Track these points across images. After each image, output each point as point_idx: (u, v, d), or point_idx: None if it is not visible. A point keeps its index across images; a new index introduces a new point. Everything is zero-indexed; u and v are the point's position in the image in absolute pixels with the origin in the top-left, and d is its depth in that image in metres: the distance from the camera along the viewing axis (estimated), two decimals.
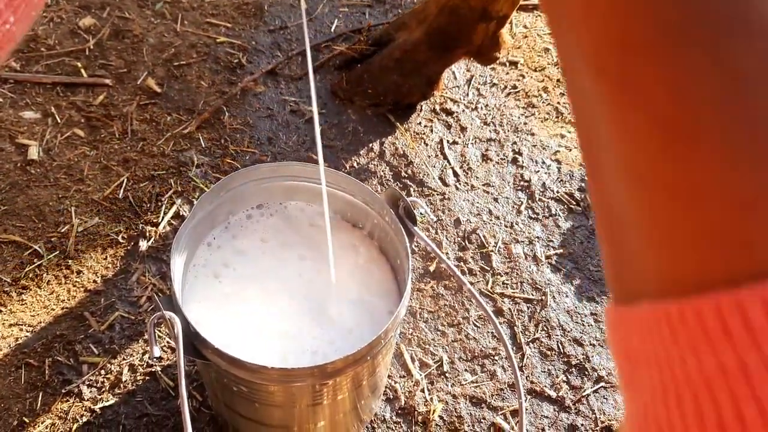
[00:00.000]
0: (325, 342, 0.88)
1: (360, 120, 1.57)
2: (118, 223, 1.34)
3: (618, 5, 0.19)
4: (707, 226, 0.19)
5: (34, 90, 1.52)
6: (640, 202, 0.20)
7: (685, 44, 0.18)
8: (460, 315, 1.30)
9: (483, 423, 1.18)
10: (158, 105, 1.53)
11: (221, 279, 0.93)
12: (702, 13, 0.18)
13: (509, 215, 1.45)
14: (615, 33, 0.19)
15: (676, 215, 0.20)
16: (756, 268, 0.18)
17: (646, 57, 0.19)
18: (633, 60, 0.19)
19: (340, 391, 0.88)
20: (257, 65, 1.64)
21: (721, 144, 0.18)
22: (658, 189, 0.20)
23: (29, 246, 1.28)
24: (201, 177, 1.42)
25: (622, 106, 0.20)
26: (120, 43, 1.62)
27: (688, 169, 0.19)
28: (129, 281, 1.26)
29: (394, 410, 1.18)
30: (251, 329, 0.89)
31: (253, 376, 0.79)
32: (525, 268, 1.38)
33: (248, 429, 0.99)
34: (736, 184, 0.18)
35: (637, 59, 0.19)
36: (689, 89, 0.18)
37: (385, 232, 0.95)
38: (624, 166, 0.21)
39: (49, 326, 1.20)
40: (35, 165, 1.40)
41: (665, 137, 0.19)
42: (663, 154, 0.19)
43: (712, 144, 0.18)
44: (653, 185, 0.20)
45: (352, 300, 0.92)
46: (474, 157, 1.55)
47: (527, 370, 1.25)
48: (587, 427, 1.19)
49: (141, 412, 1.13)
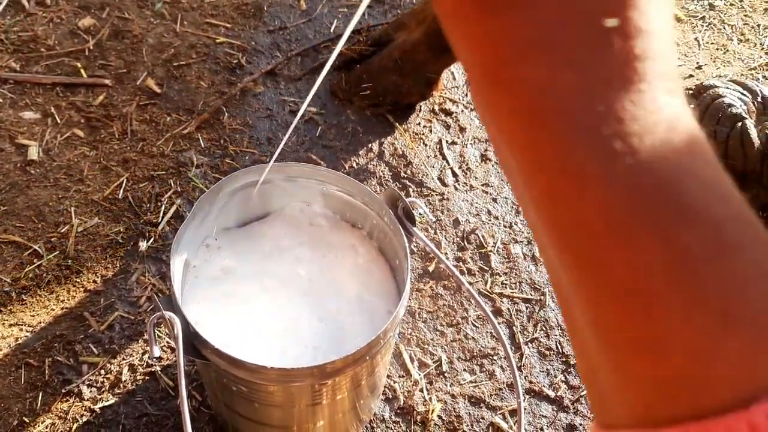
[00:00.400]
0: (324, 342, 0.89)
1: (359, 120, 1.57)
2: (118, 223, 1.34)
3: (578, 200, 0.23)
4: (671, 372, 0.22)
5: (33, 90, 1.52)
6: (608, 355, 0.24)
7: (638, 228, 0.22)
8: (458, 315, 1.30)
9: (482, 423, 1.19)
10: (158, 105, 1.53)
11: (221, 279, 0.93)
12: (649, 203, 0.22)
13: (508, 215, 1.46)
14: (577, 221, 0.23)
15: (643, 365, 0.23)
16: (718, 403, 0.21)
17: (606, 240, 0.22)
18: (594, 243, 0.23)
19: (339, 391, 0.88)
20: (257, 66, 1.64)
21: (675, 304, 0.22)
22: (623, 344, 0.23)
23: (29, 246, 1.29)
24: (200, 177, 1.42)
25: (586, 278, 0.23)
26: (119, 44, 1.63)
27: (647, 327, 0.22)
28: (129, 281, 1.27)
29: (393, 410, 1.18)
30: (251, 329, 0.89)
31: (252, 375, 0.79)
32: (524, 268, 1.38)
33: (248, 429, 1.00)
34: (693, 336, 0.22)
35: (599, 242, 0.22)
36: (644, 265, 0.22)
37: (384, 232, 0.95)
38: (591, 323, 0.24)
39: (48, 326, 1.20)
40: (35, 165, 1.40)
41: (626, 302, 0.22)
42: (624, 316, 0.23)
43: (667, 305, 0.22)
44: (619, 342, 0.23)
45: (351, 300, 0.92)
46: (473, 157, 1.55)
47: (526, 369, 1.25)
48: (586, 426, 1.20)
49: (141, 411, 1.13)
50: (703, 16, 1.95)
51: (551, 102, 0.22)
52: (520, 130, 0.23)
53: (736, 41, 1.90)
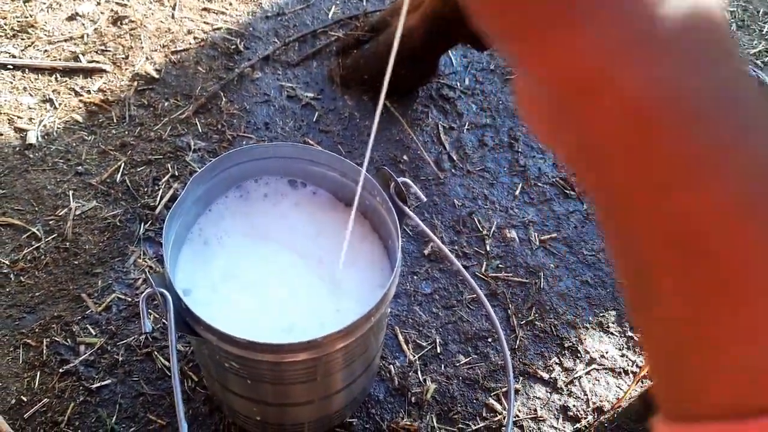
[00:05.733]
0: (316, 323, 0.89)
1: (356, 106, 1.57)
2: (116, 206, 1.35)
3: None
4: (762, 363, 0.22)
5: (32, 75, 1.53)
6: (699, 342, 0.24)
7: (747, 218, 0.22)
8: (454, 298, 1.31)
9: (476, 404, 1.19)
10: (156, 90, 1.54)
11: (215, 257, 0.93)
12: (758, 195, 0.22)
13: (504, 200, 1.46)
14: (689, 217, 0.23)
15: (734, 352, 0.23)
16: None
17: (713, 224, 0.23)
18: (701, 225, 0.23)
19: (332, 368, 0.89)
20: (254, 51, 1.64)
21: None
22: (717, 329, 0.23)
23: (27, 229, 1.30)
24: (198, 161, 1.42)
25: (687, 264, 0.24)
26: (118, 30, 1.63)
27: (744, 314, 0.22)
28: (126, 264, 1.28)
29: (388, 391, 1.19)
30: (245, 306, 0.90)
31: (243, 351, 0.80)
32: (519, 252, 1.38)
33: (241, 407, 1.01)
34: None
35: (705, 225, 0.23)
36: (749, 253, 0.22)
37: (377, 211, 0.96)
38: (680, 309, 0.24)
39: (46, 307, 1.21)
40: (34, 149, 1.41)
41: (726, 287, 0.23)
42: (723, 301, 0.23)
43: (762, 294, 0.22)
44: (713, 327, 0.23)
45: (344, 278, 0.93)
46: (470, 142, 1.55)
47: (520, 352, 1.26)
48: (579, 408, 1.20)
49: (137, 391, 1.14)
50: None
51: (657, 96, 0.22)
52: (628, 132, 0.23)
53: (735, 27, 1.89)
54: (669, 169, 0.23)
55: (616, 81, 0.22)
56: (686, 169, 0.22)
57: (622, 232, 0.26)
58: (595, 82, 0.22)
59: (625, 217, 0.25)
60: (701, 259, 0.23)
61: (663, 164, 0.23)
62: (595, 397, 1.22)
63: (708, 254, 0.23)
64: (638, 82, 0.22)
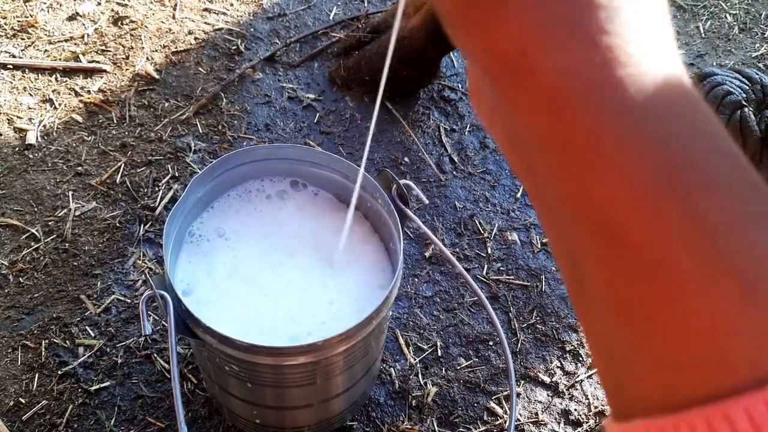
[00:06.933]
0: (317, 323, 0.89)
1: (357, 107, 1.57)
2: (115, 207, 1.34)
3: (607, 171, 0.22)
4: (692, 352, 0.22)
5: (32, 75, 1.52)
6: (628, 335, 0.23)
7: (664, 201, 0.21)
8: (455, 300, 1.30)
9: (477, 407, 1.19)
10: (156, 91, 1.53)
11: (216, 258, 0.93)
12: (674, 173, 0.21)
13: (506, 202, 1.46)
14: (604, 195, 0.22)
15: (663, 343, 0.22)
16: (738, 383, 0.21)
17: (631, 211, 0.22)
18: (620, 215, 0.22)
19: (332, 372, 0.88)
20: (255, 52, 1.64)
21: (699, 281, 0.21)
22: (645, 322, 0.22)
23: (27, 230, 1.29)
24: (198, 162, 1.42)
25: (607, 253, 0.23)
26: (119, 30, 1.63)
27: (670, 304, 0.22)
28: (125, 265, 1.27)
29: (389, 394, 1.18)
30: (245, 307, 0.89)
31: (243, 354, 0.79)
32: (521, 255, 1.38)
33: (241, 410, 1.00)
34: (716, 314, 0.21)
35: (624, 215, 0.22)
36: (669, 238, 0.21)
37: (378, 213, 0.95)
38: (610, 302, 0.23)
39: (45, 309, 1.21)
40: (33, 150, 1.40)
41: (650, 278, 0.22)
42: (648, 292, 0.22)
43: (691, 281, 0.21)
44: (639, 320, 0.23)
45: (345, 281, 0.92)
46: (471, 144, 1.55)
47: (521, 355, 1.25)
48: (580, 412, 1.20)
49: (136, 393, 1.13)
50: (705, 5, 1.94)
51: (575, 83, 0.22)
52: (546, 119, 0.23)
53: (738, 30, 1.89)
54: (583, 156, 0.22)
55: (538, 63, 0.22)
56: (599, 155, 0.22)
57: (555, 221, 0.25)
58: (518, 63, 0.22)
59: (553, 206, 0.25)
60: (624, 249, 0.22)
61: (578, 150, 0.22)
62: (596, 401, 1.21)
63: (630, 243, 0.22)
64: (557, 63, 0.22)
